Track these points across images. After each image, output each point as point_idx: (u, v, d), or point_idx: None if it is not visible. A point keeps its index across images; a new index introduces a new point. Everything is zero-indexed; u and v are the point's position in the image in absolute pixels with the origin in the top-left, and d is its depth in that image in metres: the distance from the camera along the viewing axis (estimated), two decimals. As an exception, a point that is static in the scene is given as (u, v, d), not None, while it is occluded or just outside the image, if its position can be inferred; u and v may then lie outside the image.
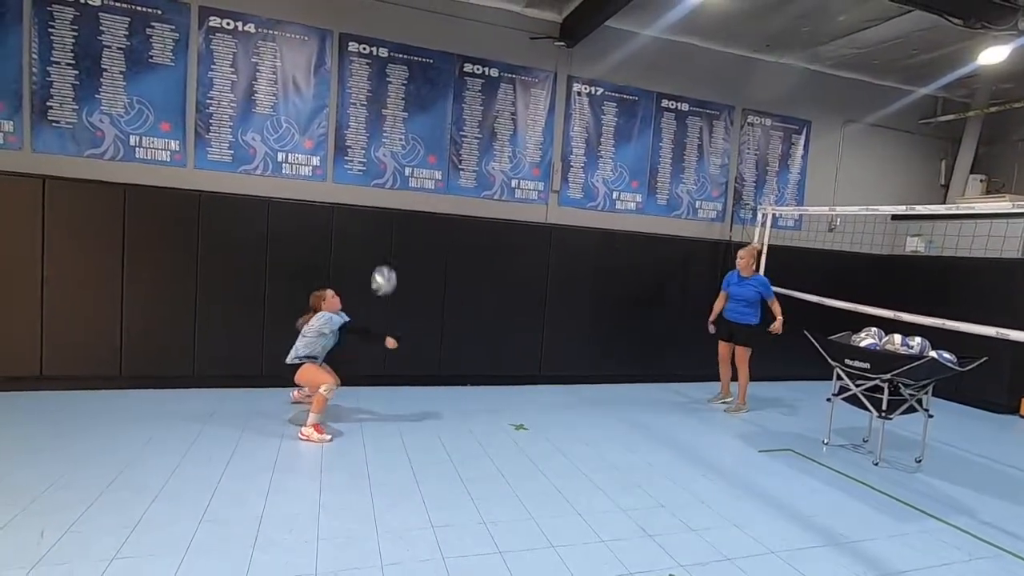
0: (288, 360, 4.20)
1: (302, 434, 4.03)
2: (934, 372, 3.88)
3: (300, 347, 4.20)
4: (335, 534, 2.84)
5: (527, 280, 6.05)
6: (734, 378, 5.72)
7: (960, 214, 5.82)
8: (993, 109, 7.24)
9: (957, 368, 3.88)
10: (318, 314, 4.24)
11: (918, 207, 4.74)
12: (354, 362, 5.13)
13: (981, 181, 7.61)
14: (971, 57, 6.14)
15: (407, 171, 5.68)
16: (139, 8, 4.80)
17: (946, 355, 3.92)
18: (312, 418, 4.08)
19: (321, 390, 4.08)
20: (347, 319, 4.34)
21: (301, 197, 5.34)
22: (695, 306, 6.61)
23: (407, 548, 2.76)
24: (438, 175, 5.79)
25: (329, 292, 4.35)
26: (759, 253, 5.93)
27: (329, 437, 4.05)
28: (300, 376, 4.18)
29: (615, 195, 6.46)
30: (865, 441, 4.85)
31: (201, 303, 5.06)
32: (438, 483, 3.51)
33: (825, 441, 4.77)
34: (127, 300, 4.87)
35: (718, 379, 5.92)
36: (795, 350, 5.33)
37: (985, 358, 3.91)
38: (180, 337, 5.03)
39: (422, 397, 5.37)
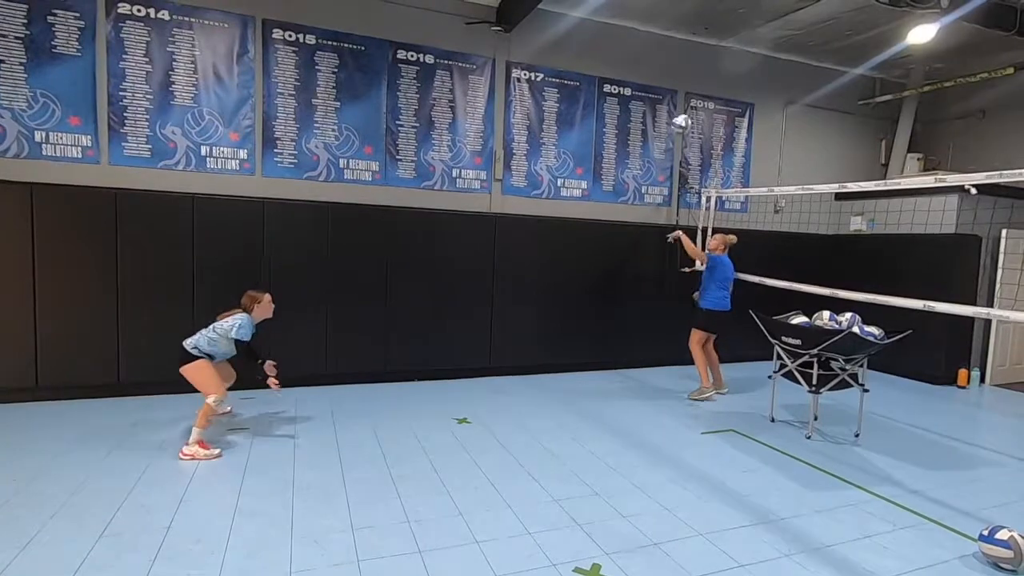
0: (186, 344, 3.80)
1: (184, 454, 3.61)
2: (858, 346, 3.93)
3: (203, 341, 3.83)
4: (246, 541, 2.70)
5: (473, 271, 5.94)
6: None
7: (890, 190, 5.94)
8: (926, 89, 7.41)
9: (879, 342, 3.94)
10: (237, 316, 3.89)
11: (849, 184, 4.79)
12: (292, 362, 4.96)
13: (918, 160, 7.80)
14: (902, 37, 6.25)
15: (342, 163, 5.50)
16: (38, -6, 4.50)
17: (868, 329, 3.97)
18: (195, 434, 3.66)
19: (209, 400, 3.69)
20: (248, 338, 3.93)
21: (229, 192, 5.11)
22: (645, 291, 6.63)
23: (321, 552, 2.64)
24: (375, 166, 5.62)
25: (267, 297, 4.00)
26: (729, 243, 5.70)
27: (217, 451, 3.68)
28: (189, 371, 3.76)
29: (560, 182, 6.39)
30: (816, 418, 4.87)
31: (124, 307, 4.80)
32: (365, 483, 3.39)
33: (770, 418, 4.81)
34: (40, 307, 4.58)
35: (670, 363, 5.91)
36: (748, 331, 5.29)
37: (910, 331, 3.98)
38: (102, 344, 4.77)
39: (366, 395, 5.23)
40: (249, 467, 3.56)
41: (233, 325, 3.84)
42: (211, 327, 3.89)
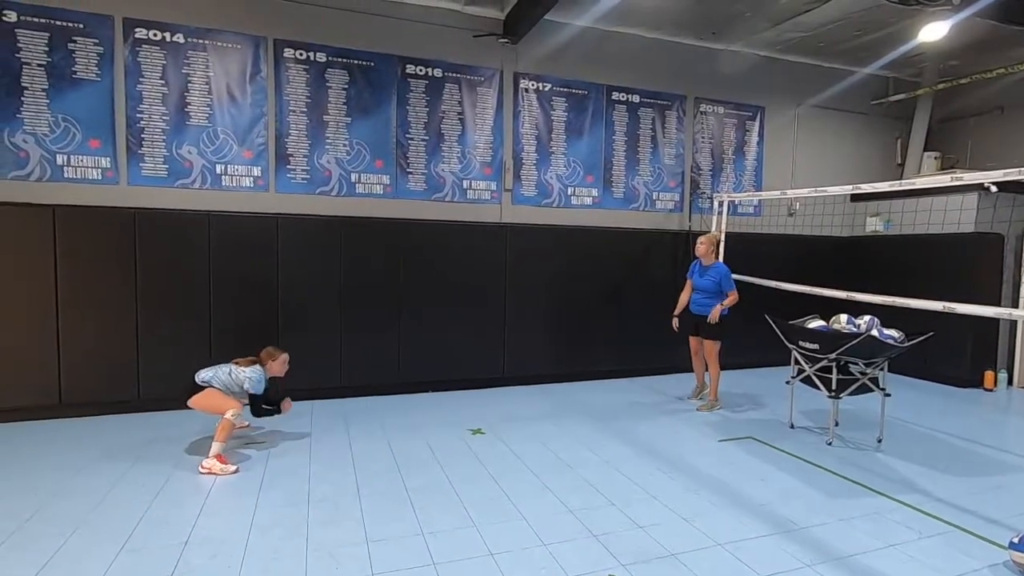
0: (198, 379, 3.90)
1: (203, 467, 3.66)
2: (877, 349, 3.84)
3: (218, 381, 3.91)
4: (261, 555, 2.71)
5: (485, 281, 5.95)
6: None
7: (907, 190, 5.84)
8: (941, 86, 7.29)
9: (899, 345, 3.85)
10: (254, 368, 3.98)
11: (864, 185, 4.72)
12: (305, 375, 5.00)
13: (936, 158, 7.66)
14: (913, 35, 6.16)
15: (353, 177, 5.56)
16: (59, 23, 4.63)
17: (888, 332, 3.89)
18: (215, 447, 3.71)
19: (228, 415, 3.78)
20: (263, 391, 4.04)
21: (243, 209, 5.19)
22: (658, 298, 6.56)
23: (336, 566, 2.64)
24: (386, 179, 5.68)
25: (284, 356, 4.14)
26: (719, 241, 5.76)
27: (234, 468, 3.70)
28: (198, 401, 3.88)
29: (570, 191, 6.39)
30: (837, 424, 4.76)
31: (143, 323, 4.88)
32: (380, 495, 3.39)
33: (789, 424, 4.72)
34: (63, 326, 4.69)
35: (685, 371, 5.83)
36: (765, 337, 5.17)
37: (931, 333, 3.88)
38: (122, 360, 4.85)
39: (380, 407, 5.24)
40: (265, 481, 3.58)
41: (248, 378, 3.94)
42: (229, 370, 3.98)
